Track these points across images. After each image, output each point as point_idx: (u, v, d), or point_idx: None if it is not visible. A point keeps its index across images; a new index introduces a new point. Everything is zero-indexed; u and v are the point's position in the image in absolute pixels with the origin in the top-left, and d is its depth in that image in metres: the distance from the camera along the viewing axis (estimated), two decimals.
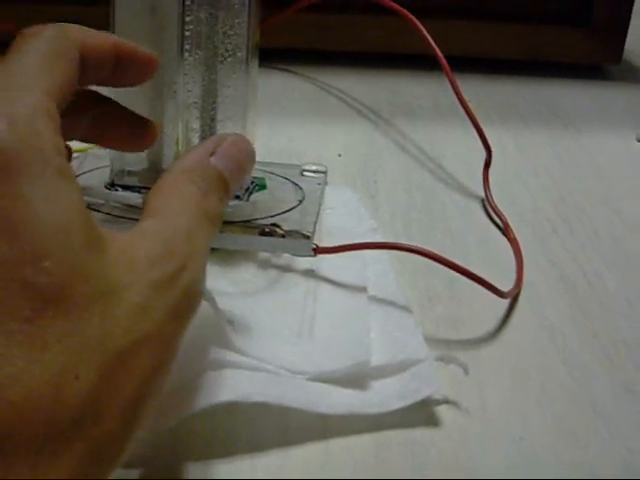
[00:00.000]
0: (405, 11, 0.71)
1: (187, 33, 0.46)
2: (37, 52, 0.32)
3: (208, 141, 0.38)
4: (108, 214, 0.49)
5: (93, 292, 0.28)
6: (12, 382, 0.25)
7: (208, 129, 0.48)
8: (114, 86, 0.39)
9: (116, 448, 0.28)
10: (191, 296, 0.32)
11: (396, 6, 0.72)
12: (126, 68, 0.38)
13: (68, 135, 0.37)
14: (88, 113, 0.40)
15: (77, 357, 0.27)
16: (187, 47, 0.47)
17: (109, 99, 0.41)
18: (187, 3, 0.46)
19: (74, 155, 0.45)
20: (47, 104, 0.30)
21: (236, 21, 0.46)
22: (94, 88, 0.40)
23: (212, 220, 0.35)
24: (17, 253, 0.26)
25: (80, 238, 0.28)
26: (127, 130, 0.42)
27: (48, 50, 0.33)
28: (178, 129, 0.48)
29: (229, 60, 0.47)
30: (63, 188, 0.28)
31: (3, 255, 0.26)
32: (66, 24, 0.35)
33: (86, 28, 0.36)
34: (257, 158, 0.52)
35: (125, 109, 0.42)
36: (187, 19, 0.46)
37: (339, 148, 0.69)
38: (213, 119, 0.48)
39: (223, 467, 0.38)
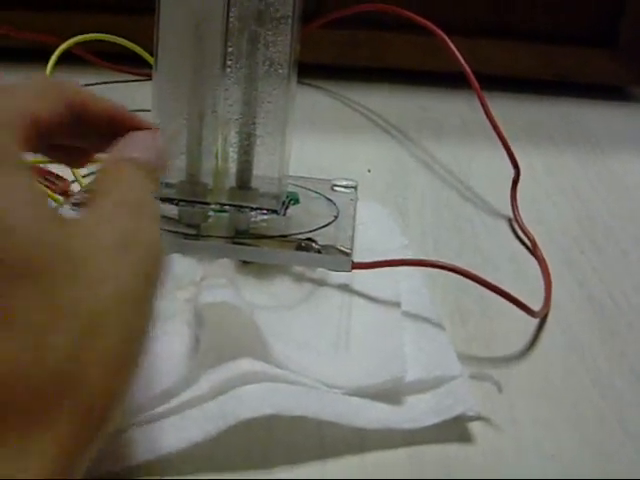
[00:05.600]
0: (436, 28, 0.72)
1: (230, 49, 0.47)
2: (29, 84, 0.36)
3: (128, 138, 0.39)
4: None
5: (59, 260, 0.28)
6: None
7: (247, 144, 0.49)
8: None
9: (103, 407, 0.29)
10: (153, 254, 0.33)
11: (427, 23, 0.72)
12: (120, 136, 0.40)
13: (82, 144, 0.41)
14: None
15: (51, 323, 0.27)
16: (229, 63, 0.47)
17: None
18: (231, 19, 0.46)
19: None
20: (18, 119, 0.33)
21: (279, 38, 0.47)
22: None
23: (152, 196, 0.36)
24: None
25: (46, 211, 0.29)
26: None
27: (41, 86, 0.36)
28: (217, 144, 0.49)
29: (270, 76, 0.48)
30: (24, 174, 0.30)
31: None
32: (66, 82, 0.38)
33: (88, 91, 0.39)
34: (290, 172, 0.53)
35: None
36: (230, 35, 0.47)
37: (367, 165, 0.70)
38: (252, 134, 0.49)
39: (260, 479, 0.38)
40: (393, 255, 0.51)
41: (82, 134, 0.39)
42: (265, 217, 0.51)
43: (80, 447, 0.28)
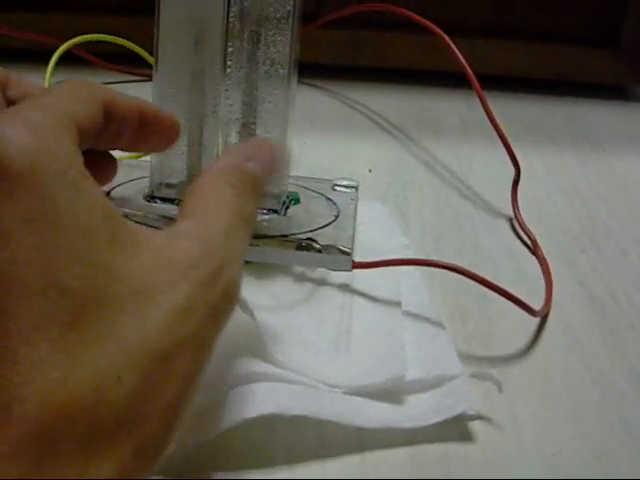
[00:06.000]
0: (436, 28, 0.72)
1: (230, 49, 0.47)
2: (69, 87, 0.34)
3: (245, 145, 0.39)
4: (146, 224, 0.50)
5: (125, 293, 0.28)
6: (57, 386, 0.26)
7: None
8: (140, 151, 0.43)
9: (159, 446, 0.29)
10: (230, 296, 0.33)
11: (427, 23, 0.72)
12: (149, 133, 0.39)
13: (110, 146, 0.39)
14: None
15: (117, 359, 0.27)
16: (229, 63, 0.47)
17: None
18: (231, 19, 0.46)
19: None
20: (69, 122, 0.31)
21: (279, 38, 0.47)
22: None
23: (247, 221, 0.35)
24: (49, 258, 0.27)
25: (104, 240, 0.28)
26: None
27: (79, 89, 0.34)
28: (218, 144, 0.49)
29: (271, 76, 0.48)
30: (86, 190, 0.29)
31: (35, 259, 0.27)
32: (94, 83, 0.37)
33: (114, 89, 0.37)
34: (290, 172, 0.54)
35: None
36: (230, 35, 0.47)
37: (367, 164, 0.70)
38: (252, 134, 0.49)
39: (261, 479, 0.38)
40: (394, 255, 0.51)
41: (113, 134, 0.38)
42: (266, 217, 0.51)
43: (136, 474, 0.28)
